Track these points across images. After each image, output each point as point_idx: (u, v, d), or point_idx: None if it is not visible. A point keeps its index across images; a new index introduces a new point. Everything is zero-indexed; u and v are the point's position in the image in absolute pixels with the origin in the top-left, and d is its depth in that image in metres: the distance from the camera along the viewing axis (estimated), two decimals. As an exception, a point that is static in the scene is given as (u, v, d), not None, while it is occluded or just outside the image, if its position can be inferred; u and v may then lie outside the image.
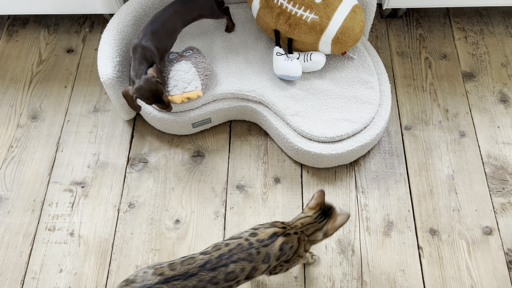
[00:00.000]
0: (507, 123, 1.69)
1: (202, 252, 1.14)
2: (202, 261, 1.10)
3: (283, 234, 1.17)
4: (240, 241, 1.14)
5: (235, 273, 1.11)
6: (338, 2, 1.46)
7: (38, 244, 1.51)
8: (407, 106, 1.75)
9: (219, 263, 1.10)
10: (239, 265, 1.11)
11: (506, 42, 1.89)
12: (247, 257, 1.12)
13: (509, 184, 1.57)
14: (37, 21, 2.03)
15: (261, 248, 1.14)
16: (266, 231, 1.17)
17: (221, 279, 1.10)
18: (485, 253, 1.46)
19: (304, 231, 1.20)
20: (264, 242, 1.15)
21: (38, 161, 1.67)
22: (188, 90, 1.53)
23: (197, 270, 1.09)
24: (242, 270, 1.12)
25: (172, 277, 1.07)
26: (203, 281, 1.08)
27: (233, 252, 1.12)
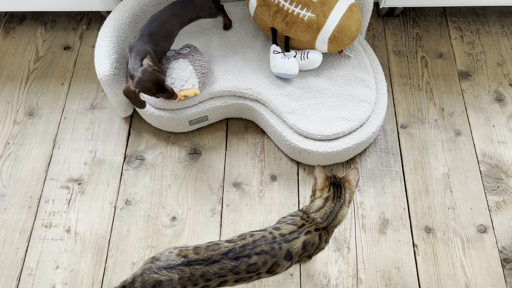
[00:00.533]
0: (502, 122, 1.70)
1: (228, 240, 1.15)
2: (226, 248, 1.11)
3: (305, 232, 1.15)
4: (265, 234, 1.15)
5: (257, 265, 1.11)
6: (335, 1, 1.46)
7: (34, 241, 1.51)
8: (403, 105, 1.75)
9: (242, 253, 1.10)
10: (262, 258, 1.11)
11: (502, 42, 1.90)
12: (270, 251, 1.12)
13: (503, 182, 1.58)
14: (34, 18, 2.02)
15: (283, 243, 1.13)
16: (288, 227, 1.17)
17: (242, 270, 1.10)
18: (479, 251, 1.47)
19: (329, 220, 1.17)
20: (286, 237, 1.14)
21: (35, 158, 1.67)
22: (185, 88, 1.53)
23: (220, 257, 1.10)
24: (264, 263, 1.12)
25: (195, 260, 1.09)
26: (225, 269, 1.09)
27: (257, 243, 1.12)
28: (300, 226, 1.17)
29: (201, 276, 1.08)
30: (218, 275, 1.09)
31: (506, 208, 1.53)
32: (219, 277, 1.10)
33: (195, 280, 1.08)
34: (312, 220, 1.17)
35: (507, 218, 1.52)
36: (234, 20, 1.75)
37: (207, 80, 1.59)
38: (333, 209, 1.17)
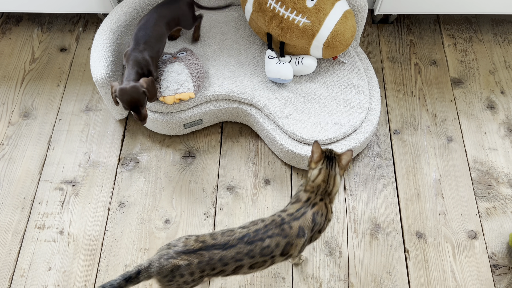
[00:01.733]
0: (494, 129, 1.73)
1: (241, 226, 1.18)
2: (240, 234, 1.14)
3: (311, 205, 1.19)
4: (274, 218, 1.18)
5: (270, 248, 1.14)
6: (329, 7, 1.48)
7: (27, 242, 1.51)
8: (396, 111, 1.77)
9: (255, 237, 1.14)
10: (274, 240, 1.14)
11: (494, 50, 1.93)
12: (281, 233, 1.15)
13: (494, 189, 1.60)
14: (31, 19, 2.03)
15: (293, 222, 1.16)
16: (294, 206, 1.20)
17: (257, 253, 1.13)
18: (469, 256, 1.48)
19: (328, 188, 1.21)
20: (294, 215, 1.18)
21: (29, 159, 1.67)
22: (180, 91, 1.54)
23: (236, 242, 1.13)
24: (276, 245, 1.15)
25: (212, 245, 1.12)
26: (241, 253, 1.12)
27: (268, 227, 1.16)
28: (306, 200, 1.20)
29: (219, 260, 1.11)
30: (235, 259, 1.12)
31: (496, 215, 1.55)
32: (235, 261, 1.12)
33: (213, 265, 1.11)
34: (317, 189, 1.21)
35: (497, 225, 1.54)
36: (230, 24, 1.77)
37: (202, 84, 1.60)
38: (329, 175, 1.21)
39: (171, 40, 1.72)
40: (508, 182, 1.61)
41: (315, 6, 1.47)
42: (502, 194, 1.59)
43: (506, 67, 1.88)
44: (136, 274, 1.09)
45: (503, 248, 1.50)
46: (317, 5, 1.47)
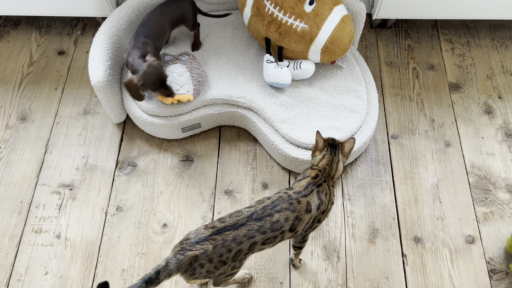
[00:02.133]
0: (491, 134, 1.73)
1: (247, 207, 1.19)
2: (248, 212, 1.16)
3: (316, 184, 1.22)
4: (280, 194, 1.21)
5: (280, 222, 1.16)
6: (328, 12, 1.48)
7: (24, 246, 1.51)
8: (394, 115, 1.78)
9: (264, 213, 1.16)
10: (283, 214, 1.17)
11: (491, 55, 1.93)
12: (289, 207, 1.17)
13: (491, 194, 1.60)
14: (29, 22, 2.03)
15: (301, 198, 1.19)
16: (300, 183, 1.23)
17: (267, 228, 1.15)
18: (467, 261, 1.48)
19: (331, 172, 1.26)
20: (302, 193, 1.20)
21: (26, 162, 1.66)
22: (179, 92, 1.54)
23: (245, 220, 1.15)
24: (286, 219, 1.17)
25: (223, 228, 1.13)
26: (252, 230, 1.14)
27: (275, 203, 1.18)
28: (313, 176, 1.23)
29: (232, 240, 1.12)
30: (247, 236, 1.14)
31: (494, 219, 1.55)
32: (248, 238, 1.14)
33: (228, 246, 1.12)
34: (323, 170, 1.25)
35: (494, 229, 1.54)
36: (228, 28, 1.77)
37: (202, 88, 1.60)
38: (332, 160, 1.26)
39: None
40: (505, 187, 1.62)
41: (313, 11, 1.48)
42: (500, 199, 1.59)
43: (504, 72, 1.89)
44: (155, 274, 1.09)
45: (500, 253, 1.50)
46: (315, 10, 1.48)
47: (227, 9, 1.84)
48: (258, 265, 1.47)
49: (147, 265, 1.47)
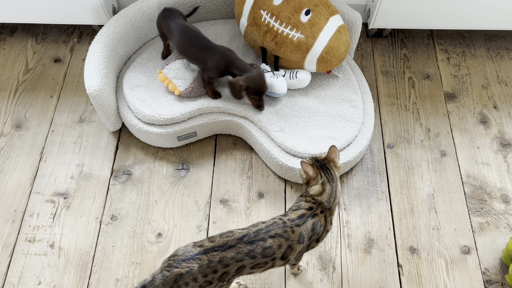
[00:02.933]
0: (487, 144, 1.73)
1: (240, 228, 1.17)
2: (240, 234, 1.14)
3: (312, 215, 1.19)
4: (275, 220, 1.18)
5: (273, 249, 1.14)
6: (324, 22, 1.49)
7: (17, 256, 1.49)
8: (390, 125, 1.78)
9: (256, 237, 1.13)
10: (277, 241, 1.14)
11: (487, 65, 1.94)
12: (283, 234, 1.15)
13: (487, 204, 1.60)
14: (25, 30, 2.02)
15: (295, 227, 1.16)
16: (295, 212, 1.20)
17: (258, 253, 1.12)
18: (462, 272, 1.48)
19: (331, 204, 1.22)
20: (296, 222, 1.17)
21: (21, 170, 1.65)
22: (174, 81, 1.58)
23: (235, 242, 1.12)
24: (279, 247, 1.14)
25: (211, 248, 1.11)
26: (241, 253, 1.11)
27: (270, 228, 1.15)
28: (307, 208, 1.20)
29: (219, 262, 1.10)
30: (235, 259, 1.11)
31: (489, 230, 1.55)
32: (236, 261, 1.12)
33: (214, 267, 1.10)
34: (319, 203, 1.21)
35: (490, 240, 1.53)
36: (225, 37, 1.77)
37: (192, 95, 1.59)
38: (331, 190, 1.22)
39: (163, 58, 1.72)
40: (501, 197, 1.62)
41: (310, 21, 1.48)
42: (495, 209, 1.59)
43: (499, 82, 1.89)
44: None
45: (496, 263, 1.49)
46: (311, 20, 1.48)
47: (223, 17, 1.84)
48: (253, 275, 1.46)
49: (141, 275, 1.46)
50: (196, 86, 1.58)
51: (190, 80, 1.58)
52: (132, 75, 1.65)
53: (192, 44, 1.53)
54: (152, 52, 1.72)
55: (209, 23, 1.81)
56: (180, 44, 1.55)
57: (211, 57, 1.51)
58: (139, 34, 1.72)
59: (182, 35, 1.54)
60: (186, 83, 1.58)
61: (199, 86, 1.59)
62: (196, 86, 1.58)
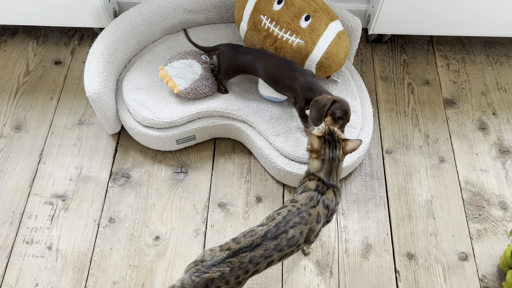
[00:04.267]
0: (485, 150, 1.73)
1: (259, 224, 1.19)
2: (262, 231, 1.15)
3: (321, 193, 1.22)
4: (289, 208, 1.20)
5: (296, 237, 1.16)
6: (323, 28, 1.49)
7: (14, 257, 1.49)
8: (389, 130, 1.78)
9: (278, 231, 1.15)
10: (297, 229, 1.17)
11: (486, 71, 1.95)
12: (301, 221, 1.17)
13: (485, 210, 1.60)
14: (26, 32, 2.03)
15: (310, 209, 1.19)
16: (304, 195, 1.22)
17: (284, 246, 1.15)
18: (460, 278, 1.48)
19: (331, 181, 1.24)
20: (310, 204, 1.20)
21: (20, 172, 1.66)
22: (174, 79, 1.57)
23: (260, 240, 1.13)
24: (300, 233, 1.17)
25: (239, 250, 1.12)
26: (269, 249, 1.13)
27: (287, 218, 1.17)
28: (314, 189, 1.22)
29: (249, 262, 1.11)
30: (264, 256, 1.13)
31: (487, 236, 1.55)
32: (265, 258, 1.13)
33: (245, 268, 1.11)
34: (323, 180, 1.23)
35: (488, 247, 1.53)
36: (225, 41, 1.78)
37: (191, 96, 1.59)
38: (330, 168, 1.24)
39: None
40: (499, 204, 1.62)
41: (309, 26, 1.49)
42: (493, 215, 1.59)
43: (498, 89, 1.90)
44: None
45: (493, 270, 1.49)
46: (311, 25, 1.49)
47: (223, 22, 1.85)
48: (251, 279, 1.46)
49: (138, 278, 1.46)
50: (195, 88, 1.58)
51: (191, 81, 1.59)
52: (132, 78, 1.66)
53: (281, 69, 1.45)
54: (152, 55, 1.72)
55: (210, 27, 1.82)
56: (268, 71, 1.47)
57: (298, 82, 1.42)
58: (139, 37, 1.73)
59: (270, 62, 1.47)
60: (187, 83, 1.58)
61: (199, 89, 1.59)
62: (196, 88, 1.58)
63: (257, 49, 1.54)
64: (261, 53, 1.51)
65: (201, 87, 1.59)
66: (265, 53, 1.51)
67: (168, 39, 1.78)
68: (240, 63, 1.52)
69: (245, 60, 1.51)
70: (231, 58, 1.53)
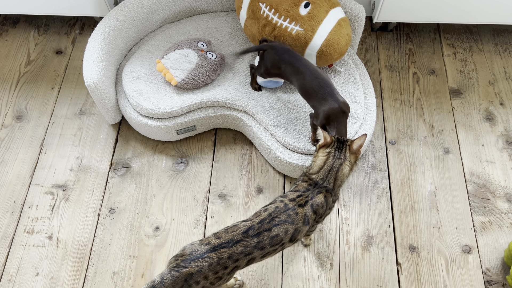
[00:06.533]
0: (492, 141, 1.70)
1: (244, 220, 1.17)
2: (244, 227, 1.13)
3: (311, 195, 1.19)
4: (277, 204, 1.17)
5: (280, 236, 1.14)
6: (323, 15, 1.46)
7: (16, 247, 1.50)
8: (393, 121, 1.75)
9: (261, 228, 1.13)
10: (282, 228, 1.14)
11: (494, 60, 1.90)
12: (288, 219, 1.14)
13: (490, 203, 1.57)
14: (28, 21, 2.02)
15: (298, 208, 1.16)
16: (294, 193, 1.19)
17: (266, 244, 1.13)
18: (463, 271, 1.45)
19: (327, 184, 1.20)
20: (297, 201, 1.17)
21: (21, 162, 1.66)
22: (171, 71, 1.56)
23: (241, 236, 1.12)
24: (285, 232, 1.14)
25: (219, 245, 1.11)
26: (249, 247, 1.11)
27: (272, 215, 1.14)
28: (304, 190, 1.19)
29: (228, 258, 1.10)
30: (244, 253, 1.11)
31: (492, 229, 1.52)
32: (246, 255, 1.12)
33: (224, 263, 1.10)
34: (315, 184, 1.20)
35: (492, 239, 1.50)
36: (225, 30, 1.75)
37: (188, 86, 1.58)
38: (332, 167, 1.20)
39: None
40: (505, 196, 1.58)
41: (309, 14, 1.45)
42: (499, 208, 1.56)
43: (506, 78, 1.85)
44: None
45: (497, 264, 1.46)
46: (310, 13, 1.45)
47: (225, 10, 1.82)
48: (250, 271, 1.45)
49: (138, 268, 1.46)
50: (193, 77, 1.57)
51: (187, 71, 1.57)
52: (132, 67, 1.64)
53: (314, 90, 1.38)
54: (152, 44, 1.70)
55: (211, 16, 1.79)
56: (305, 88, 1.40)
57: (324, 106, 1.36)
58: (139, 26, 1.71)
59: (313, 79, 1.38)
60: (183, 73, 1.56)
61: (196, 78, 1.57)
62: (193, 77, 1.57)
63: (300, 60, 1.41)
64: (303, 67, 1.39)
65: (198, 76, 1.57)
66: (305, 68, 1.39)
67: (169, 28, 1.76)
68: (281, 70, 1.45)
69: (286, 69, 1.43)
70: (273, 63, 1.45)
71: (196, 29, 1.74)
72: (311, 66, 1.40)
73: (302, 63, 1.40)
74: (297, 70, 1.40)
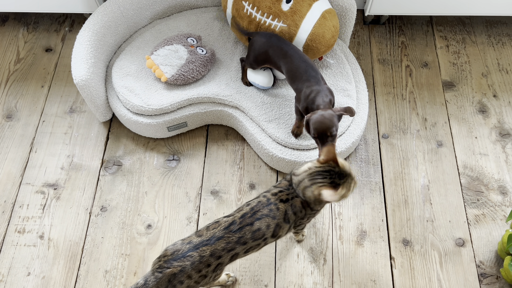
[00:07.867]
0: (485, 133, 1.69)
1: (226, 215, 1.15)
2: (226, 223, 1.12)
3: (286, 200, 1.14)
4: (259, 199, 1.16)
5: (262, 230, 1.12)
6: (306, 9, 1.43)
7: (6, 247, 1.49)
8: (385, 114, 1.74)
9: (243, 223, 1.11)
10: (264, 222, 1.12)
11: (487, 52, 1.88)
12: (269, 213, 1.13)
13: (483, 195, 1.56)
14: (17, 19, 2.00)
15: (279, 203, 1.13)
16: (276, 189, 1.16)
17: (248, 239, 1.11)
18: (456, 265, 1.45)
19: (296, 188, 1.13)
20: (279, 196, 1.14)
21: (11, 161, 1.65)
22: (161, 67, 1.55)
23: (223, 232, 1.10)
24: (267, 227, 1.13)
25: (200, 243, 1.10)
26: (231, 242, 1.10)
27: (254, 209, 1.13)
28: (283, 190, 1.15)
29: (210, 255, 1.09)
30: (226, 249, 1.10)
31: (485, 222, 1.52)
32: (228, 251, 1.11)
33: (207, 261, 1.09)
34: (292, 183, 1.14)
35: (485, 232, 1.50)
36: (216, 27, 1.73)
37: (179, 82, 1.56)
38: (299, 180, 1.12)
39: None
40: (498, 189, 1.58)
41: (291, 9, 1.43)
42: (492, 200, 1.55)
43: (500, 70, 1.84)
44: None
45: (491, 256, 1.46)
46: (292, 7, 1.43)
47: (215, 5, 1.80)
48: (243, 267, 1.45)
49: (130, 267, 1.45)
50: (183, 73, 1.55)
51: (177, 67, 1.55)
52: (122, 64, 1.63)
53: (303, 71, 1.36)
54: (142, 40, 1.69)
55: (201, 11, 1.78)
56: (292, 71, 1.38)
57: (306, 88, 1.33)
58: (128, 22, 1.69)
59: (300, 62, 1.37)
60: (173, 69, 1.55)
61: (186, 74, 1.56)
62: (183, 73, 1.55)
63: (289, 44, 1.40)
64: (291, 51, 1.38)
65: (188, 72, 1.56)
66: (294, 51, 1.38)
67: (159, 24, 1.74)
68: (269, 54, 1.43)
69: (274, 53, 1.41)
70: (261, 47, 1.43)
71: (186, 25, 1.73)
72: (300, 51, 1.40)
73: (290, 47, 1.40)
74: (285, 53, 1.39)
